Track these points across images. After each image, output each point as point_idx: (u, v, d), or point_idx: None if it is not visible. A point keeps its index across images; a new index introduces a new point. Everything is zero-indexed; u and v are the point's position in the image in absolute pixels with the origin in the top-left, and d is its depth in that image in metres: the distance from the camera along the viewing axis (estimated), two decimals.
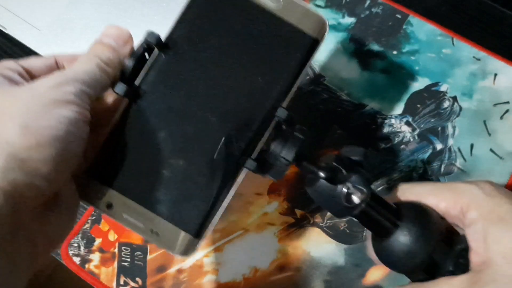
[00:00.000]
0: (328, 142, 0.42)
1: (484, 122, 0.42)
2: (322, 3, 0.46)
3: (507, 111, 0.42)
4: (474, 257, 0.27)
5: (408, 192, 0.31)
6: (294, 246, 0.40)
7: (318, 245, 0.40)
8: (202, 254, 0.40)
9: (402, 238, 0.28)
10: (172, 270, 0.39)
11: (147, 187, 0.27)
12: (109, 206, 0.27)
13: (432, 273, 0.28)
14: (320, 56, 0.45)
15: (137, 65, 0.28)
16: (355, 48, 0.45)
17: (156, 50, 0.28)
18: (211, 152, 0.28)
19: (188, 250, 0.27)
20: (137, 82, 0.28)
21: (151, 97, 0.28)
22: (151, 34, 0.27)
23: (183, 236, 0.27)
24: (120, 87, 0.27)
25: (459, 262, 0.27)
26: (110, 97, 0.29)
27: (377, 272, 0.39)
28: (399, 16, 0.45)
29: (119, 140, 0.27)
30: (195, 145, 0.27)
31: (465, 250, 0.27)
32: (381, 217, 0.29)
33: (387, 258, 0.30)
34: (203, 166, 0.27)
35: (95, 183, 0.27)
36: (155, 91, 0.28)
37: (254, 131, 0.28)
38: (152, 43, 0.27)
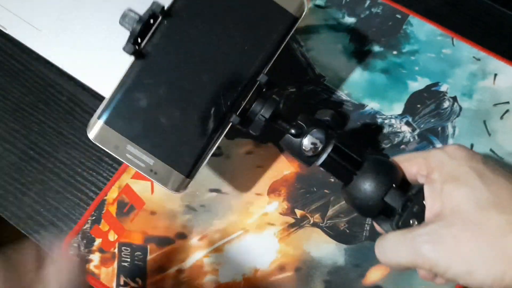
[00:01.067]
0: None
1: (484, 122, 0.42)
2: (322, 3, 0.46)
3: (507, 111, 0.42)
4: (428, 214, 0.29)
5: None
6: (294, 246, 0.40)
7: (318, 245, 0.40)
8: (202, 254, 0.40)
9: (359, 184, 0.32)
10: (172, 270, 0.39)
11: (148, 133, 0.33)
12: (116, 147, 0.32)
13: (389, 216, 0.32)
14: (320, 56, 0.45)
15: (143, 29, 0.32)
16: (355, 48, 0.45)
17: (160, 18, 0.32)
18: (203, 106, 0.33)
19: (180, 187, 0.33)
20: (143, 43, 0.32)
21: (154, 56, 0.32)
22: (156, 4, 0.32)
23: (176, 175, 0.33)
24: (128, 47, 0.31)
25: (406, 205, 0.31)
26: None
27: (377, 272, 0.39)
28: (399, 16, 0.45)
29: (126, 91, 0.32)
30: (190, 99, 0.33)
31: (415, 195, 0.31)
32: (342, 166, 0.33)
33: (350, 202, 0.34)
34: (195, 118, 0.33)
35: (105, 127, 0.32)
36: (157, 51, 0.32)
37: (239, 91, 0.33)
38: (156, 11, 0.32)
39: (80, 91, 0.45)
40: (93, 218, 0.41)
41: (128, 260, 0.40)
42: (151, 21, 0.32)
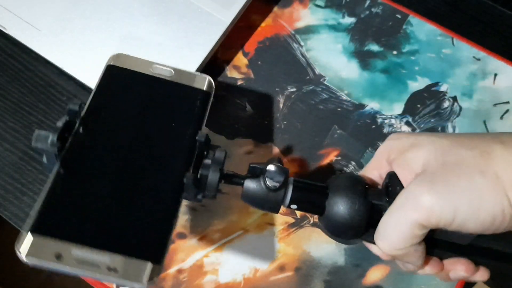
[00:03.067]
0: (328, 142, 0.42)
1: (484, 122, 0.42)
2: (322, 3, 0.46)
3: (507, 111, 0.42)
4: (405, 183, 0.29)
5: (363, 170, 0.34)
6: (294, 246, 0.40)
7: (318, 245, 0.40)
8: (202, 254, 0.40)
9: (336, 200, 0.30)
10: (172, 270, 0.39)
11: (94, 228, 0.27)
12: (58, 257, 0.25)
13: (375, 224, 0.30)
14: (320, 56, 0.45)
15: (62, 137, 0.28)
16: (355, 48, 0.45)
17: (77, 123, 0.30)
18: (150, 186, 0.29)
19: (152, 278, 0.25)
20: (65, 149, 0.29)
21: (81, 157, 0.29)
22: (71, 110, 0.29)
23: (143, 265, 0.25)
24: (49, 161, 0.28)
25: (389, 191, 0.30)
26: None
27: (377, 272, 0.39)
28: (399, 16, 0.45)
29: (57, 195, 0.27)
30: (133, 183, 0.29)
31: (390, 180, 0.30)
32: (310, 195, 0.31)
33: (332, 232, 0.31)
34: (145, 198, 0.29)
35: (37, 238, 0.25)
36: (84, 151, 0.30)
37: (181, 164, 0.30)
38: (73, 119, 0.30)
39: (80, 91, 0.45)
40: None
41: None
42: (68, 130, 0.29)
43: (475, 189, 0.25)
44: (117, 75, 0.34)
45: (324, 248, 0.40)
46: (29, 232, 0.25)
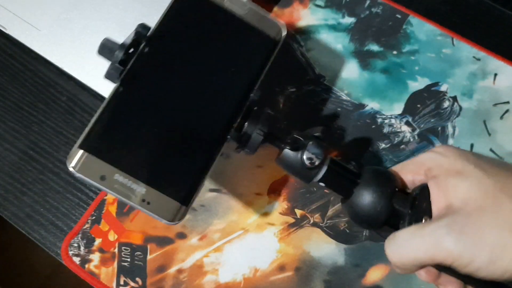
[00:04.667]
0: (328, 142, 0.42)
1: (484, 122, 0.42)
2: (322, 3, 0.46)
3: (507, 111, 0.42)
4: (435, 208, 0.29)
5: None
6: (294, 246, 0.40)
7: (318, 245, 0.40)
8: (202, 254, 0.40)
9: (363, 193, 0.32)
10: (172, 270, 0.39)
11: (138, 160, 0.30)
12: (102, 178, 0.29)
13: (396, 224, 0.32)
14: (320, 56, 0.45)
15: (126, 55, 0.31)
16: (355, 48, 0.45)
17: (143, 42, 0.31)
18: (195, 127, 0.31)
19: (176, 217, 0.30)
20: (126, 68, 0.31)
21: (140, 80, 0.31)
22: (142, 25, 0.31)
23: (172, 204, 0.30)
24: (111, 74, 0.30)
25: (414, 204, 0.31)
26: None
27: (377, 272, 0.39)
28: (399, 16, 0.45)
29: (111, 117, 0.30)
30: (180, 122, 0.31)
31: (420, 193, 0.31)
32: (341, 177, 0.33)
33: (355, 216, 0.33)
34: (188, 140, 0.31)
35: (88, 156, 0.29)
36: (143, 75, 0.31)
37: (232, 111, 0.32)
38: (141, 35, 0.31)
39: (80, 91, 0.45)
40: (93, 218, 0.41)
41: (128, 260, 0.40)
42: (132, 48, 0.31)
43: (500, 245, 0.25)
44: (188, 1, 0.33)
45: (324, 248, 0.40)
46: (80, 149, 0.29)
